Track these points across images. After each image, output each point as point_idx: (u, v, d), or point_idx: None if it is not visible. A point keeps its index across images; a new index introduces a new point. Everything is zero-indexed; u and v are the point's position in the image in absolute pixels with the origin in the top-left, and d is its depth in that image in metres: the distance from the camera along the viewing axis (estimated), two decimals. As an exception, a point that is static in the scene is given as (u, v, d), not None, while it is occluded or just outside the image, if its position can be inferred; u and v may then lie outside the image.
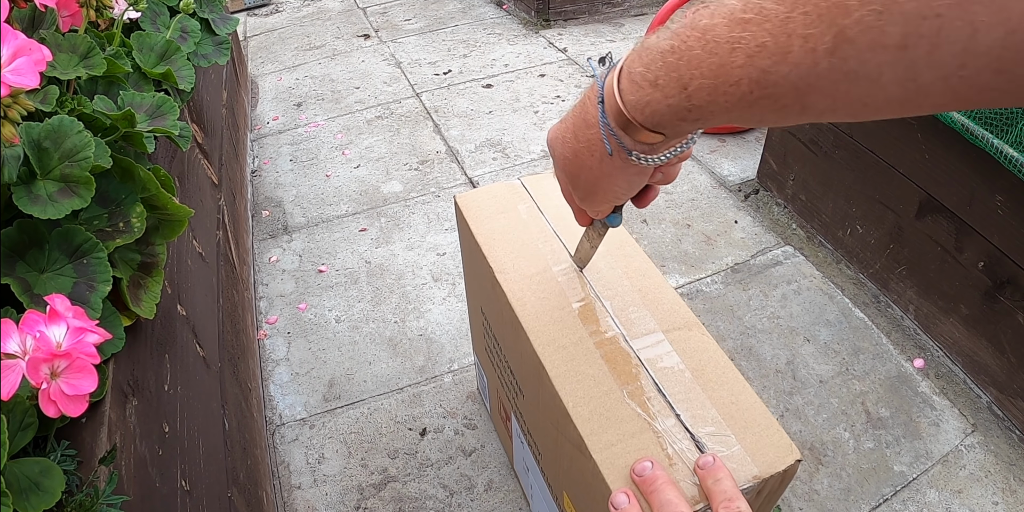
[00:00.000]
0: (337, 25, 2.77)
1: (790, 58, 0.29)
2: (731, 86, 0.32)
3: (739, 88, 0.32)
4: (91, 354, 0.46)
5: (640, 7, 2.59)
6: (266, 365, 1.29)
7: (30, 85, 0.51)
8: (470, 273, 0.84)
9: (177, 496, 0.64)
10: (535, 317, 0.61)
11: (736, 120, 0.34)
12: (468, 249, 0.79)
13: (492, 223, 0.72)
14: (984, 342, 1.09)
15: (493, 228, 0.71)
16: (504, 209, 0.73)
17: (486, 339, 0.86)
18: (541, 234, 0.70)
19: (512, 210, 0.73)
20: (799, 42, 0.29)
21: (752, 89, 0.31)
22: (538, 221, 0.72)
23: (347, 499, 1.05)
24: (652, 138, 0.39)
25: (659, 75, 0.35)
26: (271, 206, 1.73)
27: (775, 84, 0.30)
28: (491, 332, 0.81)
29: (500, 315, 0.70)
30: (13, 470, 0.44)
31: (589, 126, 0.41)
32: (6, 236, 0.55)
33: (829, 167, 1.35)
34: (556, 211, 0.72)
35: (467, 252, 0.81)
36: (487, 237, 0.70)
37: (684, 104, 0.34)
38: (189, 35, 1.06)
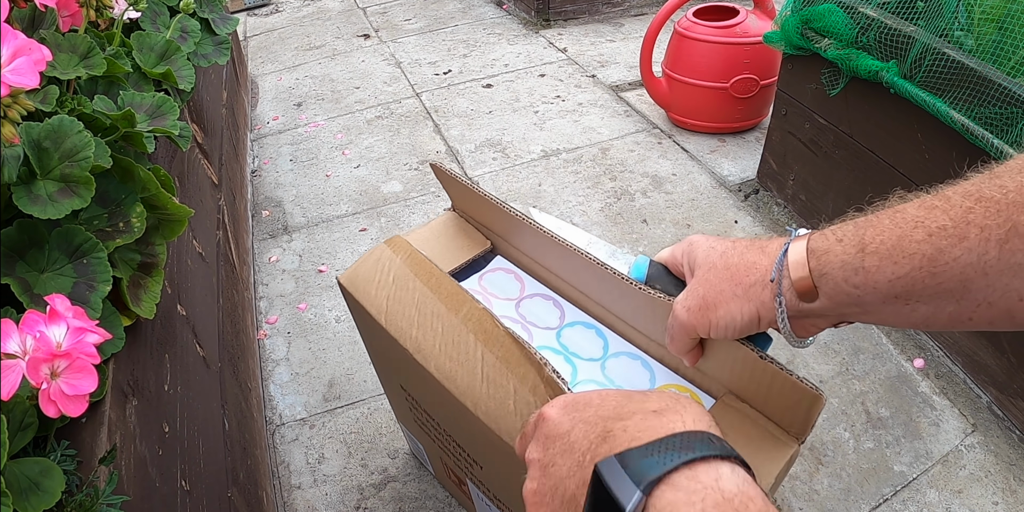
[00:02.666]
0: (337, 25, 2.77)
1: (965, 243, 0.33)
2: (905, 257, 0.35)
3: (912, 261, 0.35)
4: (91, 354, 0.46)
5: (640, 7, 2.59)
6: (266, 365, 1.29)
7: (30, 85, 0.51)
8: (376, 351, 0.75)
9: (177, 496, 0.64)
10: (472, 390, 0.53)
11: (891, 304, 0.37)
12: (366, 327, 0.70)
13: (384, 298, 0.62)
14: (984, 342, 1.09)
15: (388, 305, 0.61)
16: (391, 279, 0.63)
17: (414, 413, 0.77)
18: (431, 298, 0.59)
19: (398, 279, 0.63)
20: (976, 231, 0.33)
21: (923, 265, 0.35)
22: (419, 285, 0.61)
23: (347, 499, 1.05)
24: (808, 293, 0.40)
25: (845, 234, 0.39)
26: (271, 206, 1.73)
27: (946, 263, 0.34)
28: (421, 408, 0.72)
29: (430, 394, 0.62)
30: (13, 470, 0.44)
31: (764, 254, 0.44)
32: (6, 236, 0.55)
33: (829, 167, 1.35)
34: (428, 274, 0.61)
35: (366, 330, 0.72)
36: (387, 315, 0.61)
37: (856, 263, 0.38)
38: (189, 35, 1.05)
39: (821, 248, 0.40)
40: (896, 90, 1.08)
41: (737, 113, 1.78)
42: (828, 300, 0.40)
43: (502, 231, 0.70)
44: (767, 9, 1.70)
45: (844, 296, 0.39)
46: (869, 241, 0.37)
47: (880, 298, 0.37)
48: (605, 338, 0.61)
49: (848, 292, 0.39)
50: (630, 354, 0.59)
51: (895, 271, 0.36)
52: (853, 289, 0.38)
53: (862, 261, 0.37)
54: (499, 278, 0.69)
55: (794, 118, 1.42)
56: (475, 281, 0.69)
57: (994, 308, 0.34)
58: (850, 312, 0.40)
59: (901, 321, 0.39)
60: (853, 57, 1.14)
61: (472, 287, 0.68)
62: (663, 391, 0.35)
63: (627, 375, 0.57)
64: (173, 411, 0.71)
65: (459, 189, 0.71)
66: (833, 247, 0.39)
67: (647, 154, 1.79)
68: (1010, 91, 0.90)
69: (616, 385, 0.56)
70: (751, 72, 1.68)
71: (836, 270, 0.39)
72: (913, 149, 1.13)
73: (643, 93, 2.02)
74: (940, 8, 1.01)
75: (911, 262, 0.35)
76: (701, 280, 0.47)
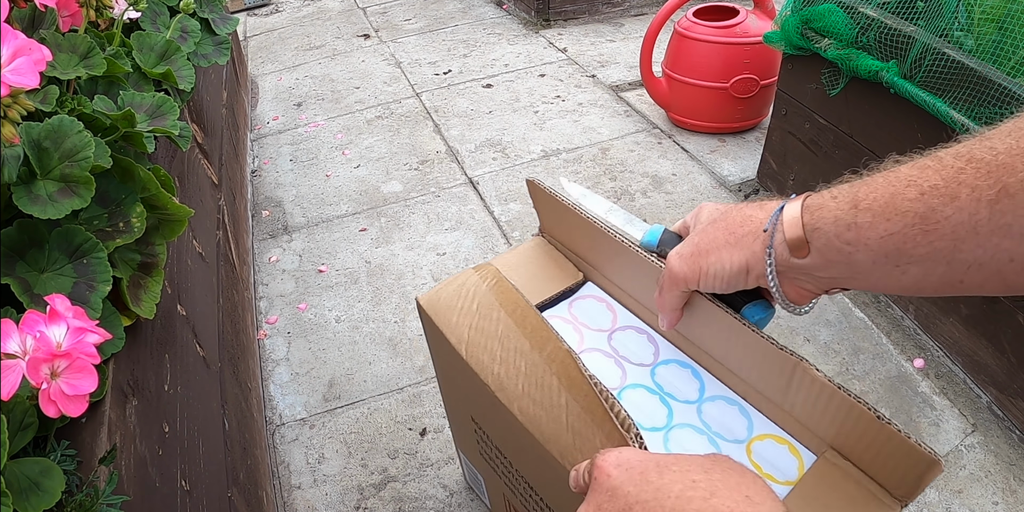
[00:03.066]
0: (337, 25, 2.77)
1: (956, 203, 0.34)
2: (897, 215, 0.36)
3: (904, 218, 0.36)
4: (91, 354, 0.46)
5: (640, 7, 2.59)
6: (266, 365, 1.29)
7: (30, 85, 0.51)
8: (448, 377, 0.71)
9: (177, 496, 0.64)
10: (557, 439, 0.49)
11: (882, 265, 0.38)
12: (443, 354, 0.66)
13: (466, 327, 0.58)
14: (984, 342, 1.09)
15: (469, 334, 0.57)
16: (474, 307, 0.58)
17: (481, 446, 0.73)
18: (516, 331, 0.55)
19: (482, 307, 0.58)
20: (967, 191, 0.34)
21: (915, 222, 0.36)
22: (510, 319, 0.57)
23: (347, 499, 1.05)
24: (800, 247, 0.41)
25: (840, 192, 0.40)
26: (271, 206, 1.73)
27: (937, 222, 0.35)
28: (491, 443, 0.69)
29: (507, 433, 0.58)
30: (13, 470, 0.44)
31: (761, 209, 0.46)
32: (6, 236, 0.55)
33: (829, 167, 1.35)
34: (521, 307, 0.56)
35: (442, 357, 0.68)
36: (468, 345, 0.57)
37: (848, 219, 0.38)
38: (189, 35, 1.05)
39: (815, 204, 0.41)
40: (896, 90, 1.08)
41: (737, 113, 1.78)
42: (819, 256, 0.41)
43: (595, 258, 0.66)
44: (767, 9, 1.70)
45: (835, 253, 0.40)
46: (862, 198, 0.38)
47: (871, 257, 0.38)
48: (701, 379, 0.58)
49: (839, 248, 0.39)
50: (727, 398, 0.56)
51: (887, 228, 0.37)
52: (845, 245, 0.39)
53: (855, 217, 0.38)
54: (590, 306, 0.65)
55: (794, 118, 1.42)
56: (564, 308, 0.64)
57: (984, 269, 0.35)
58: (840, 274, 0.41)
59: (892, 284, 0.39)
60: (853, 57, 1.14)
61: (561, 314, 0.64)
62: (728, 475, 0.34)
63: (724, 421, 0.54)
64: (173, 411, 0.71)
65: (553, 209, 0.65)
66: (827, 203, 0.40)
67: (647, 154, 1.79)
68: (1010, 91, 0.90)
69: (713, 432, 0.53)
70: (751, 72, 1.68)
71: (829, 225, 0.40)
72: (913, 149, 1.13)
73: (643, 93, 2.02)
74: (940, 8, 1.01)
75: (903, 219, 0.36)
76: (699, 231, 0.48)
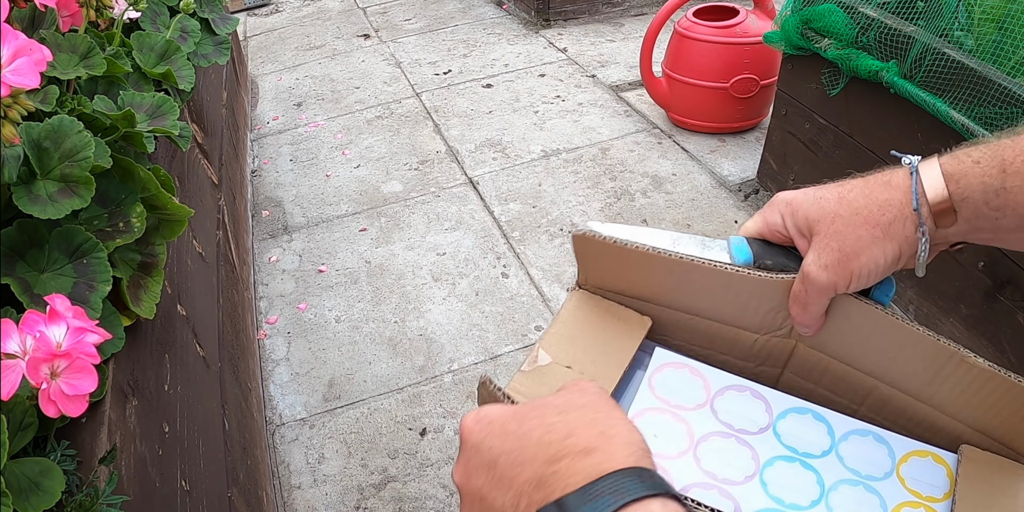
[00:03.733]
0: (337, 25, 2.77)
1: None
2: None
3: None
4: (91, 354, 0.46)
5: (640, 7, 2.59)
6: (266, 365, 1.29)
7: (30, 85, 0.51)
8: None
9: (177, 496, 0.64)
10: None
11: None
12: None
13: None
14: (984, 342, 1.09)
15: None
16: None
17: None
18: None
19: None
20: None
21: None
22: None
23: (347, 499, 1.05)
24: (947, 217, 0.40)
25: (983, 156, 0.38)
26: (271, 206, 1.73)
27: None
28: None
29: None
30: (13, 470, 0.44)
31: (891, 188, 0.43)
32: (6, 236, 0.55)
33: (829, 167, 1.35)
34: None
35: None
36: None
37: (997, 184, 0.37)
38: (189, 35, 1.05)
39: (958, 172, 0.39)
40: (896, 90, 1.08)
41: (737, 113, 1.78)
42: (966, 224, 0.40)
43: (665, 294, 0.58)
44: (767, 9, 1.70)
45: (982, 220, 0.39)
46: (1010, 161, 0.37)
47: (1017, 221, 0.37)
48: (826, 421, 0.54)
49: (987, 215, 0.38)
50: (859, 431, 0.53)
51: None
52: (993, 212, 0.38)
53: (1003, 182, 0.37)
54: (671, 378, 0.57)
55: (794, 118, 1.42)
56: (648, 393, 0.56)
57: None
58: (981, 236, 0.40)
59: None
60: (853, 57, 1.14)
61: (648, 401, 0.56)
62: (583, 413, 0.33)
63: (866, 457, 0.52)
64: (173, 411, 0.71)
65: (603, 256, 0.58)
66: (971, 169, 0.39)
67: (647, 154, 1.79)
68: (1010, 91, 0.90)
69: (863, 477, 0.51)
70: (751, 72, 1.68)
71: (977, 193, 0.38)
72: (913, 149, 1.12)
73: (643, 93, 2.02)
74: (940, 8, 1.01)
75: None
76: (830, 234, 0.44)
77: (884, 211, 0.42)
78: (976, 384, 0.46)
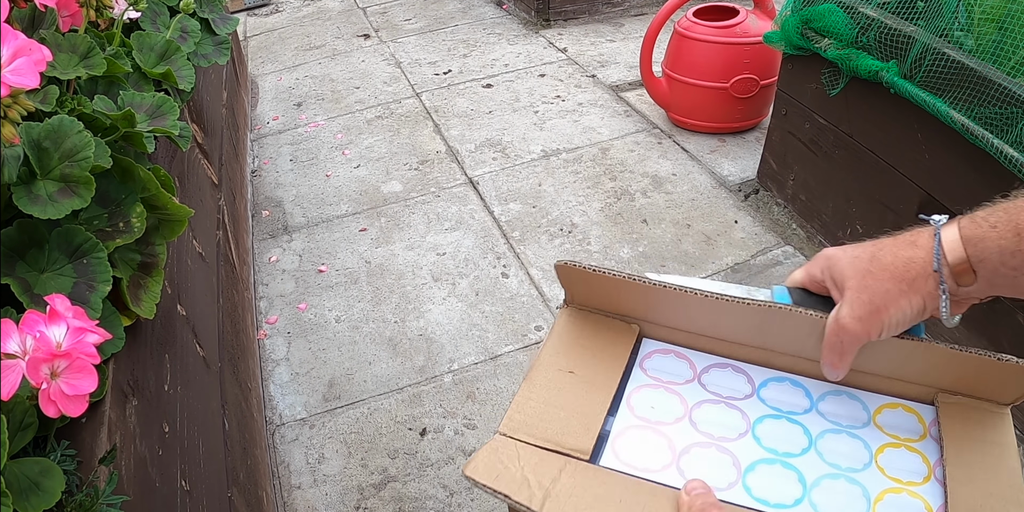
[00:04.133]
0: (337, 25, 2.77)
1: None
2: None
3: None
4: (91, 354, 0.46)
5: (640, 7, 2.59)
6: (266, 365, 1.29)
7: (30, 85, 0.51)
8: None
9: (177, 496, 0.64)
10: None
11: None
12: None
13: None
14: (984, 342, 1.09)
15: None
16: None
17: None
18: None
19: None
20: None
21: None
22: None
23: (347, 499, 1.05)
24: (966, 277, 0.44)
25: (999, 220, 0.42)
26: (271, 206, 1.73)
27: None
28: None
29: None
30: (13, 470, 0.44)
31: (916, 247, 0.47)
32: (6, 236, 0.55)
33: (829, 167, 1.35)
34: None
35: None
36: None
37: (1012, 247, 0.41)
38: (189, 35, 1.05)
39: (976, 235, 0.43)
40: (896, 90, 1.08)
41: (737, 113, 1.78)
42: (985, 282, 0.44)
43: (642, 312, 0.63)
44: (767, 9, 1.70)
45: (1001, 278, 0.43)
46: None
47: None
48: (802, 385, 0.59)
49: (1005, 274, 0.43)
50: (832, 391, 0.59)
51: None
52: (1010, 271, 0.42)
53: (1018, 245, 0.41)
54: (659, 361, 0.62)
55: (794, 118, 1.42)
56: (641, 375, 0.61)
57: None
58: (1002, 291, 0.44)
59: None
60: (853, 57, 1.14)
61: (641, 380, 0.60)
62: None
63: (843, 412, 0.58)
64: (173, 411, 0.71)
65: (589, 283, 0.63)
66: (988, 234, 0.43)
67: (647, 154, 1.79)
68: (1010, 91, 0.90)
69: (844, 427, 0.57)
70: (751, 72, 1.68)
71: (994, 255, 0.42)
72: (913, 149, 1.13)
73: (643, 93, 2.02)
74: (940, 8, 1.01)
75: None
76: (861, 288, 0.48)
77: (909, 268, 0.47)
78: (942, 362, 0.52)
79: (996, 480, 0.49)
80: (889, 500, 0.50)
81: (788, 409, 0.58)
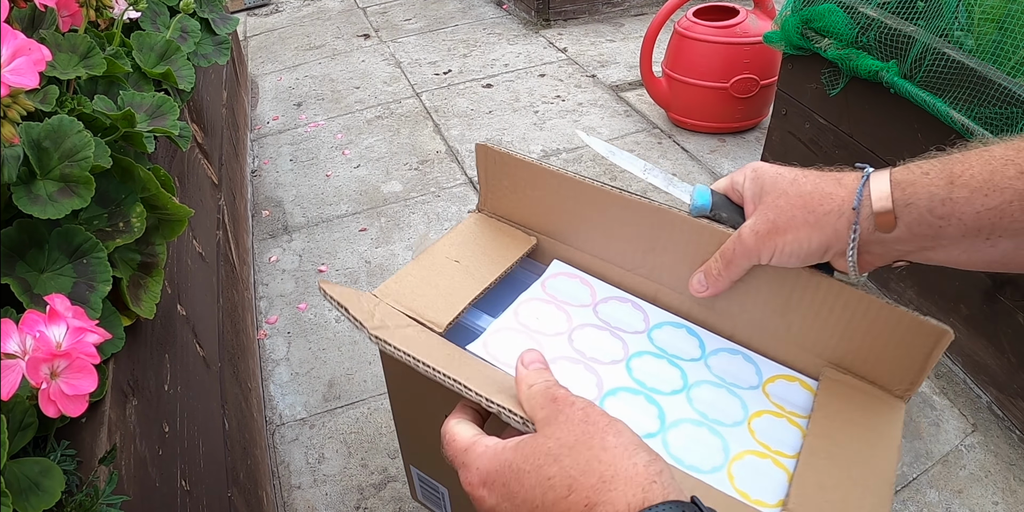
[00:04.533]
0: (337, 25, 2.77)
1: None
2: (996, 191, 0.38)
3: (1003, 195, 0.37)
4: (91, 354, 0.46)
5: (640, 7, 2.59)
6: (266, 365, 1.29)
7: (30, 85, 0.51)
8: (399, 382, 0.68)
9: (177, 496, 0.64)
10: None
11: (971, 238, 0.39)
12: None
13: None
14: (984, 342, 1.09)
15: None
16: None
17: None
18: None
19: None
20: None
21: (1014, 199, 0.37)
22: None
23: (347, 499, 1.05)
24: (888, 222, 0.42)
25: (932, 168, 0.41)
26: (271, 206, 1.73)
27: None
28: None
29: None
30: (13, 470, 0.44)
31: (840, 185, 0.45)
32: (6, 236, 0.55)
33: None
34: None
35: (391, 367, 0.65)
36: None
37: (943, 194, 0.39)
38: (189, 35, 1.05)
39: (907, 180, 0.41)
40: (896, 90, 1.08)
41: (737, 113, 1.78)
42: (907, 230, 0.41)
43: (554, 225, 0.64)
44: (767, 9, 1.70)
45: (925, 227, 0.40)
46: (959, 174, 0.39)
47: (962, 231, 0.39)
48: (698, 336, 0.59)
49: (930, 223, 0.40)
50: (729, 349, 0.58)
51: (985, 203, 0.38)
52: (936, 220, 0.40)
53: (950, 192, 0.39)
54: (563, 284, 0.63)
55: (794, 118, 1.42)
56: (539, 289, 0.63)
57: None
58: (922, 245, 0.42)
59: (976, 258, 0.40)
60: (853, 57, 1.14)
61: (538, 295, 0.62)
62: (578, 454, 0.35)
63: (733, 371, 0.56)
64: (173, 411, 0.71)
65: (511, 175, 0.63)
66: (919, 179, 0.41)
67: (647, 154, 1.79)
68: (1010, 91, 0.90)
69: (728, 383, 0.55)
70: (751, 72, 1.68)
71: (922, 200, 0.40)
72: (913, 149, 1.12)
73: (643, 93, 2.02)
74: (940, 8, 1.01)
75: (1002, 195, 0.37)
76: (771, 205, 0.47)
77: (824, 202, 0.45)
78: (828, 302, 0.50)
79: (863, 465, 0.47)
80: (749, 461, 0.49)
81: (673, 353, 0.57)
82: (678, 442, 0.50)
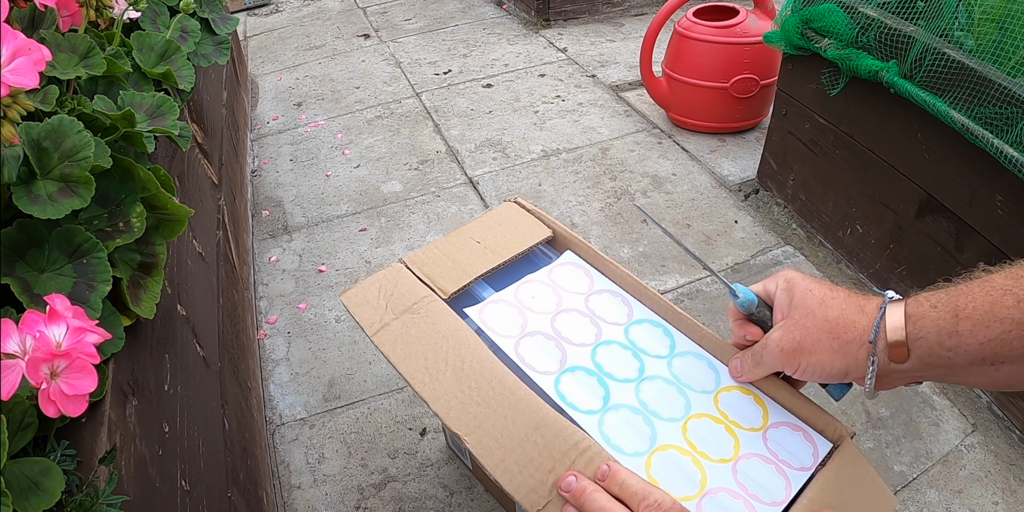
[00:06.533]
0: (337, 25, 2.77)
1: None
2: (996, 322, 0.40)
3: (1002, 325, 0.40)
4: (91, 354, 0.46)
5: (640, 7, 2.59)
6: (266, 365, 1.29)
7: (30, 85, 0.51)
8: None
9: (177, 496, 0.64)
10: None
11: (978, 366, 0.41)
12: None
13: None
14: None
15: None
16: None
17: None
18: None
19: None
20: None
21: (1012, 328, 0.39)
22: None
23: (347, 499, 1.05)
24: (901, 354, 0.45)
25: (939, 301, 0.43)
26: (271, 206, 1.73)
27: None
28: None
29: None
30: (13, 470, 0.44)
31: (862, 313, 0.48)
32: (6, 236, 0.55)
33: (829, 167, 1.35)
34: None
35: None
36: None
37: (950, 328, 0.42)
38: (189, 35, 1.05)
39: (917, 313, 0.44)
40: (896, 90, 1.08)
41: (737, 113, 1.78)
42: (919, 361, 0.44)
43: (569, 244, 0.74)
44: (767, 9, 1.70)
45: (935, 358, 0.43)
46: (963, 307, 0.42)
47: (969, 360, 0.41)
48: (672, 337, 0.63)
49: (940, 355, 0.43)
50: (696, 354, 0.61)
51: (987, 334, 0.40)
52: (946, 352, 0.42)
53: (956, 326, 0.42)
54: (568, 272, 0.71)
55: (794, 118, 1.42)
56: (545, 273, 0.71)
57: None
58: (935, 373, 0.44)
59: (985, 381, 0.42)
60: (853, 57, 1.14)
61: (541, 279, 0.70)
62: None
63: (693, 374, 0.60)
64: (173, 411, 0.71)
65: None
66: (928, 313, 0.43)
67: (647, 154, 1.79)
68: (1010, 91, 0.90)
69: (682, 383, 0.59)
70: (751, 72, 1.68)
71: (931, 334, 0.43)
72: (913, 149, 1.13)
73: (643, 93, 2.02)
74: (940, 8, 1.01)
75: (1002, 326, 0.40)
76: (798, 324, 0.50)
77: (847, 330, 0.48)
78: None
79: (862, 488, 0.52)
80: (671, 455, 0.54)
81: (642, 347, 0.63)
82: (612, 423, 0.55)
